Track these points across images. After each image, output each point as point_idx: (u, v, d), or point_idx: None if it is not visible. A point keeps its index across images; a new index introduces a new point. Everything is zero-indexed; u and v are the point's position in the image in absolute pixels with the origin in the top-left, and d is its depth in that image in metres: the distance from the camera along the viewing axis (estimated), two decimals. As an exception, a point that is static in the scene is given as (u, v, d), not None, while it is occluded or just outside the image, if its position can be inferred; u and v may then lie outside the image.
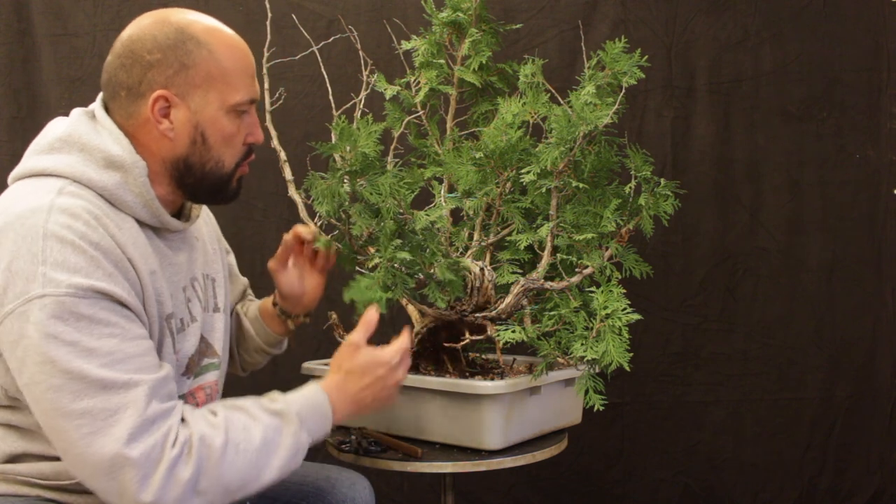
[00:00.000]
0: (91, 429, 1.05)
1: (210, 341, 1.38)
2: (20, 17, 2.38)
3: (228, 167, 1.27)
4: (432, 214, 1.57)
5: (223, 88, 1.22)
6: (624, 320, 1.47)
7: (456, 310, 1.63)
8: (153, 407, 1.08)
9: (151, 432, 1.07)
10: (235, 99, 1.23)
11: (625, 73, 1.61)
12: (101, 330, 1.07)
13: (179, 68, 1.19)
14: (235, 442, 1.14)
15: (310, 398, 1.25)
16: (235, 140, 1.26)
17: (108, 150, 1.18)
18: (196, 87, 1.21)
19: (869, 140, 2.27)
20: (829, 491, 2.30)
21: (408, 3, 2.28)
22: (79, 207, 1.12)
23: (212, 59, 1.21)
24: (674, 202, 1.63)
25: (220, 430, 1.14)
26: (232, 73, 1.23)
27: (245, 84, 1.25)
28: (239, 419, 1.17)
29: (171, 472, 1.07)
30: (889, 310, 2.28)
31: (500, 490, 2.37)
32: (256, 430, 1.16)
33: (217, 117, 1.23)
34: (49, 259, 1.07)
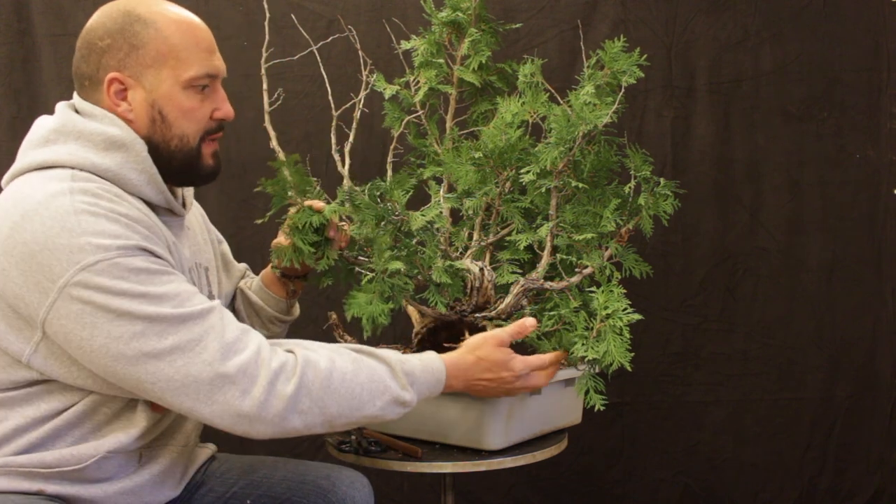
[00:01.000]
0: (184, 360, 1.09)
1: None
2: (20, 17, 2.38)
3: (193, 142, 1.28)
4: (428, 214, 1.57)
5: (175, 64, 1.24)
6: (625, 320, 1.47)
7: (455, 310, 1.63)
8: (231, 328, 1.15)
9: (240, 350, 1.13)
10: (189, 74, 1.25)
11: (624, 73, 1.61)
12: (160, 278, 1.12)
13: (129, 50, 1.22)
14: (342, 370, 1.18)
15: (428, 362, 1.30)
16: (196, 114, 1.27)
17: (106, 132, 1.20)
18: (147, 66, 1.23)
19: (869, 140, 2.27)
20: (829, 491, 2.30)
21: (407, 3, 2.28)
22: (96, 188, 1.15)
23: (159, 36, 1.23)
24: (674, 202, 1.63)
25: (326, 357, 1.18)
26: (182, 48, 1.24)
27: (199, 58, 1.26)
28: (349, 354, 1.22)
29: (272, 386, 1.12)
30: (889, 310, 2.28)
31: (500, 490, 2.37)
32: (364, 366, 1.21)
33: (172, 93, 1.24)
34: (88, 230, 1.09)
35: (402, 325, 2.32)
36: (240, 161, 2.35)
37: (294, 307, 1.67)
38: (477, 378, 1.36)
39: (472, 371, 1.36)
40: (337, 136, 1.74)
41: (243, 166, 2.35)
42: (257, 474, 1.45)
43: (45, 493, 1.18)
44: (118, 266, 1.09)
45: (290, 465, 1.50)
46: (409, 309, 1.75)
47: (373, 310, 1.47)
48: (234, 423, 1.14)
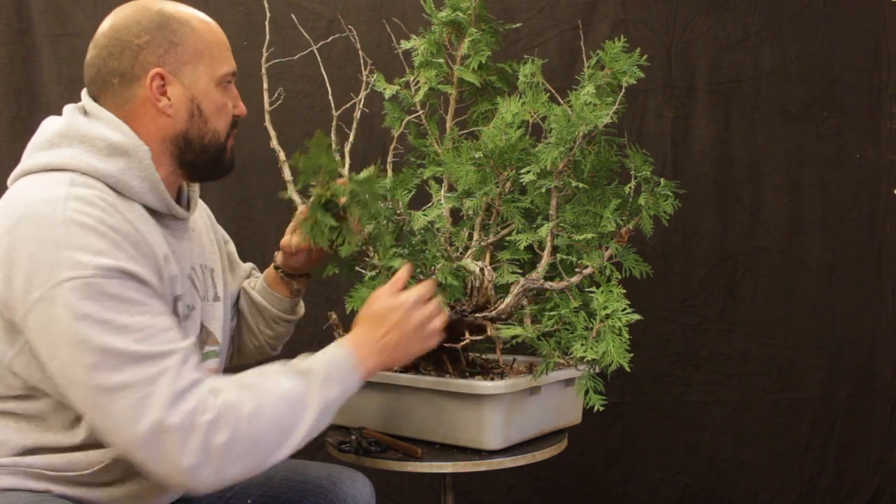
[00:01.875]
0: (131, 400, 1.06)
1: (210, 329, 1.41)
2: (20, 17, 2.38)
3: (223, 137, 1.33)
4: (430, 214, 1.57)
5: (210, 62, 1.29)
6: (624, 320, 1.47)
7: (456, 310, 1.63)
8: (186, 374, 1.10)
9: (187, 399, 1.09)
10: (222, 71, 1.30)
11: (624, 73, 1.61)
12: (130, 308, 1.10)
13: (169, 47, 1.25)
14: (263, 405, 1.15)
15: (333, 355, 1.27)
16: (226, 110, 1.32)
17: (110, 138, 1.21)
18: (186, 62, 1.26)
19: (869, 140, 2.27)
20: (829, 491, 2.30)
21: (407, 3, 2.28)
22: (93, 196, 1.14)
23: (196, 35, 1.28)
24: (674, 202, 1.63)
25: (249, 394, 1.15)
26: (215, 47, 1.30)
27: (226, 57, 1.33)
28: (266, 384, 1.18)
29: (207, 438, 1.09)
30: (889, 310, 2.28)
31: (500, 490, 2.37)
32: (283, 392, 1.18)
33: (209, 90, 1.29)
34: (73, 244, 1.09)
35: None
36: (240, 161, 2.33)
37: (298, 306, 1.67)
38: (379, 336, 1.31)
39: (370, 333, 1.31)
40: (337, 136, 1.74)
41: (243, 166, 2.35)
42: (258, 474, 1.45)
43: (52, 492, 1.18)
44: (91, 286, 1.07)
45: (290, 465, 1.49)
46: (409, 309, 1.75)
47: None
48: (170, 474, 1.09)
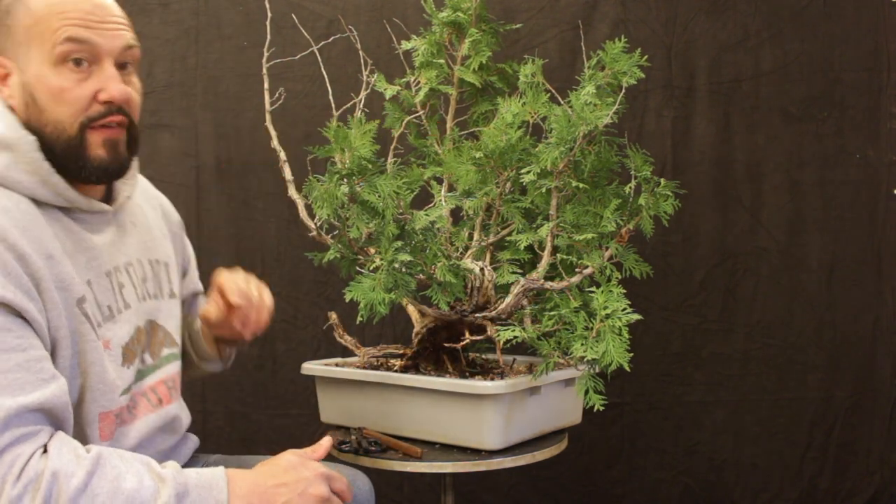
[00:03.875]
0: None
1: (168, 329, 1.33)
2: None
3: (71, 129, 1.13)
4: (432, 214, 1.57)
5: (42, 39, 1.11)
6: (624, 320, 1.47)
7: (456, 310, 1.63)
8: (5, 436, 0.96)
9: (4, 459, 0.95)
10: (57, 49, 1.10)
11: (625, 73, 1.61)
12: None
13: (5, 32, 1.12)
14: (95, 490, 0.98)
15: (205, 476, 1.08)
16: (70, 96, 1.12)
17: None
18: (19, 44, 1.12)
19: (869, 140, 2.27)
20: (829, 491, 2.30)
21: (408, 3, 2.28)
22: None
23: (27, 12, 1.11)
24: (674, 202, 1.63)
25: (83, 470, 0.99)
26: (49, 20, 1.11)
27: (67, 32, 1.11)
28: (113, 468, 1.01)
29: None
30: (889, 310, 2.28)
31: (500, 490, 2.37)
32: (126, 486, 1.00)
33: (41, 73, 1.11)
34: None
35: (403, 325, 2.32)
36: (240, 161, 2.36)
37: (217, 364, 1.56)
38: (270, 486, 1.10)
39: (261, 478, 1.11)
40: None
41: (243, 166, 2.36)
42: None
43: None
44: None
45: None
46: (409, 308, 1.75)
47: (374, 297, 1.46)
48: None
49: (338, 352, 2.25)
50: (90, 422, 1.14)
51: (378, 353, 1.79)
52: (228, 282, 1.35)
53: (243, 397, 2.39)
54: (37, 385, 1.01)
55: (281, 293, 2.37)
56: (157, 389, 1.29)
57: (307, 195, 1.54)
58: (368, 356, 1.78)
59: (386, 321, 2.32)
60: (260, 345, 2.40)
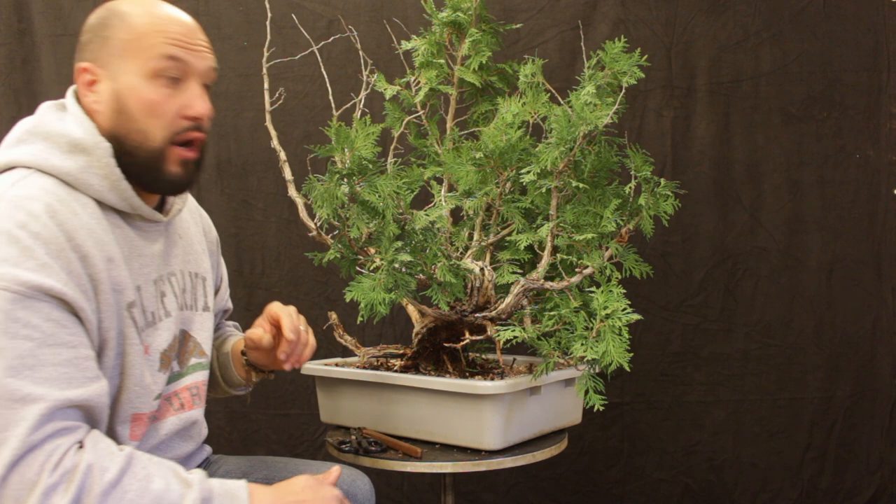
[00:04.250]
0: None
1: (199, 341, 1.36)
2: (20, 17, 2.38)
3: (156, 141, 1.19)
4: (432, 214, 1.57)
5: (139, 53, 1.18)
6: (624, 320, 1.47)
7: (456, 310, 1.63)
8: (46, 427, 1.01)
9: (35, 455, 1.00)
10: (152, 63, 1.18)
11: (625, 73, 1.61)
12: (16, 330, 1.02)
13: (101, 42, 1.19)
14: (126, 487, 1.03)
15: (229, 485, 1.13)
16: (160, 109, 1.19)
17: (71, 134, 1.17)
18: (114, 55, 1.19)
19: (869, 140, 2.27)
20: (829, 491, 2.30)
21: (408, 3, 2.28)
22: (26, 197, 1.09)
23: (126, 27, 1.19)
24: (674, 202, 1.63)
25: (116, 466, 1.04)
26: (147, 37, 1.18)
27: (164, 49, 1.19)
28: (143, 469, 1.07)
29: (45, 499, 0.99)
30: (889, 310, 2.28)
31: (500, 490, 2.37)
32: (155, 486, 1.05)
33: (136, 84, 1.18)
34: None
35: (402, 324, 2.32)
36: (240, 161, 2.36)
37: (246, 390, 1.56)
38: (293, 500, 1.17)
39: (279, 495, 1.17)
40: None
41: (243, 166, 2.36)
42: (259, 474, 1.45)
43: None
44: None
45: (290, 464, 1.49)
46: (409, 308, 1.75)
47: (374, 296, 1.46)
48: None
49: (338, 352, 2.25)
50: (122, 422, 1.18)
51: (378, 353, 1.79)
52: (285, 316, 1.38)
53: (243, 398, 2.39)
54: (82, 382, 1.06)
55: (281, 293, 2.37)
56: (180, 395, 1.33)
57: (307, 195, 1.54)
58: (368, 356, 1.78)
59: (386, 321, 2.32)
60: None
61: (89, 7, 2.36)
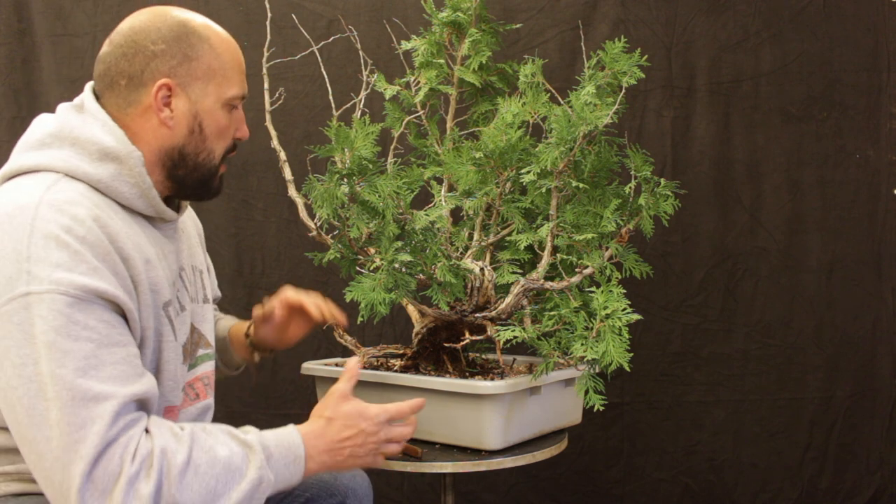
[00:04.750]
0: (59, 442, 1.03)
1: (203, 332, 1.39)
2: (20, 17, 2.38)
3: (217, 159, 1.30)
4: (432, 214, 1.57)
5: (221, 82, 1.27)
6: (624, 320, 1.47)
7: (456, 310, 1.63)
8: (120, 422, 1.06)
9: (116, 445, 1.05)
10: (231, 93, 1.28)
11: (625, 73, 1.61)
12: (78, 332, 1.05)
13: (183, 59, 1.24)
14: (197, 461, 1.10)
15: (283, 437, 1.20)
16: (227, 132, 1.30)
17: (102, 142, 1.19)
18: (197, 78, 1.25)
19: (869, 140, 2.27)
20: (829, 491, 2.30)
21: (408, 3, 2.28)
22: (67, 202, 1.11)
23: (213, 53, 1.26)
24: (674, 202, 1.63)
25: (185, 445, 1.10)
26: (229, 68, 1.28)
27: (239, 80, 1.30)
28: (206, 440, 1.13)
29: (131, 488, 1.04)
30: (889, 310, 2.28)
31: (500, 490, 2.37)
32: (220, 454, 1.12)
33: (214, 109, 1.27)
34: (32, 256, 1.06)
35: (402, 324, 2.32)
36: (240, 161, 2.36)
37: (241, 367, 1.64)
38: (338, 439, 1.25)
39: (329, 433, 1.25)
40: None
41: (243, 166, 2.36)
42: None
43: None
44: (43, 302, 1.04)
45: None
46: (409, 308, 1.75)
47: (374, 296, 1.47)
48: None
49: (338, 352, 2.25)
50: (157, 414, 1.22)
51: (378, 353, 1.79)
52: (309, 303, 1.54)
53: (243, 397, 2.39)
54: (138, 378, 1.11)
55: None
56: (194, 385, 1.36)
57: (307, 195, 1.54)
58: (368, 356, 1.78)
59: (386, 321, 2.32)
60: (260, 345, 2.40)
61: (89, 7, 2.36)
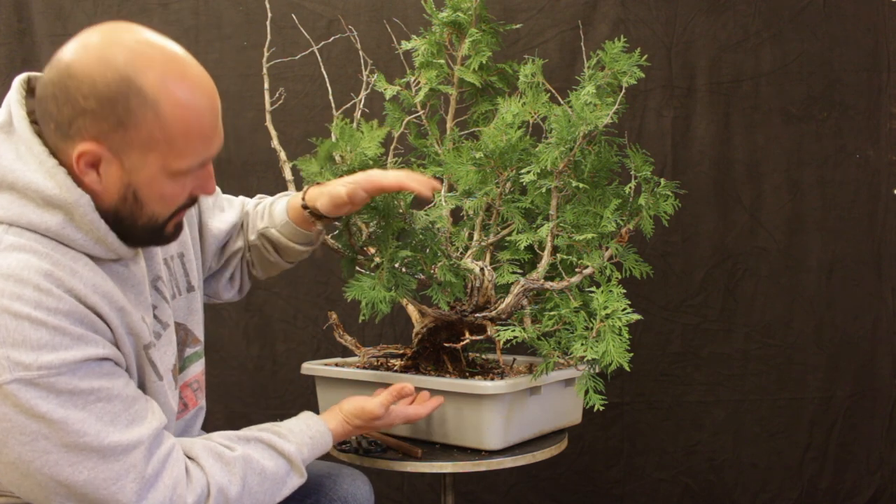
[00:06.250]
0: (96, 496, 1.02)
1: (189, 327, 1.34)
2: (20, 17, 2.38)
3: (163, 219, 1.13)
4: (432, 214, 1.57)
5: (167, 152, 1.06)
6: (624, 320, 1.47)
7: (456, 310, 1.63)
8: (154, 462, 1.07)
9: (157, 487, 1.06)
10: (181, 165, 1.08)
11: (625, 73, 1.61)
12: (84, 399, 1.02)
13: (116, 125, 1.03)
14: (250, 488, 1.16)
15: (318, 444, 1.31)
16: (176, 199, 1.12)
17: (42, 190, 1.04)
18: (133, 147, 1.05)
19: (869, 140, 2.27)
20: (829, 491, 2.30)
21: (408, 3, 2.28)
22: (25, 268, 1.01)
23: (157, 122, 1.04)
24: (674, 202, 1.63)
25: (238, 476, 1.15)
26: (180, 138, 1.06)
27: (195, 149, 1.09)
28: (257, 463, 1.19)
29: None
30: (889, 310, 2.28)
31: (500, 490, 2.37)
32: (269, 470, 1.20)
33: (155, 179, 1.08)
34: (7, 340, 0.98)
35: (402, 324, 2.32)
36: (240, 161, 2.36)
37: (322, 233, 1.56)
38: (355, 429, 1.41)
39: (351, 433, 1.41)
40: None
41: (243, 166, 2.36)
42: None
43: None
44: (38, 386, 0.98)
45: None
46: (409, 308, 1.75)
47: (374, 295, 1.46)
48: None
49: (338, 352, 2.25)
50: None
51: (378, 353, 1.79)
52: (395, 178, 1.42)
53: (243, 397, 2.39)
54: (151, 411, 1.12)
55: (281, 293, 2.37)
56: (183, 394, 1.32)
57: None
58: (368, 356, 1.78)
59: (386, 321, 2.32)
60: (260, 345, 2.40)
61: (89, 7, 2.36)
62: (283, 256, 1.53)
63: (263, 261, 1.55)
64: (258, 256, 1.55)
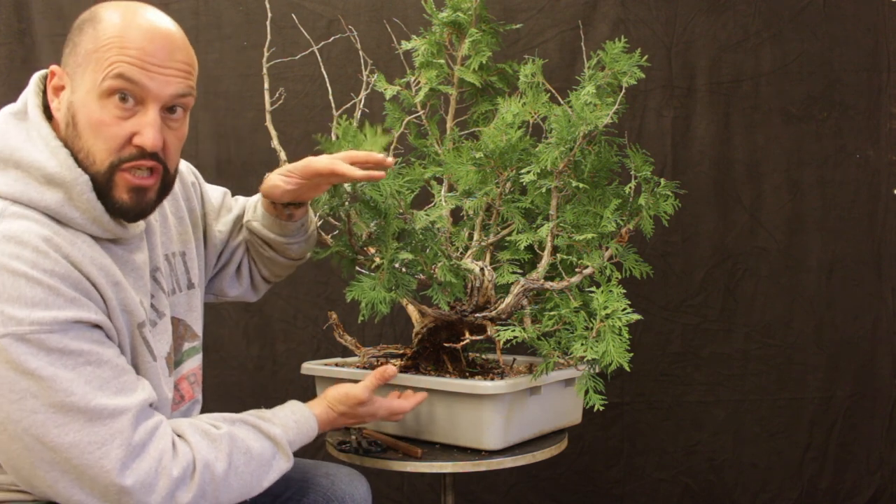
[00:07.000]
0: (80, 461, 1.03)
1: (188, 322, 1.35)
2: (20, 17, 2.38)
3: (100, 164, 1.10)
4: (432, 214, 1.57)
5: (96, 67, 1.09)
6: (624, 320, 1.47)
7: (456, 310, 1.63)
8: (140, 431, 1.08)
9: (143, 457, 1.07)
10: (102, 82, 1.09)
11: (625, 73, 1.61)
12: (74, 360, 1.04)
13: (72, 48, 1.12)
14: (236, 467, 1.17)
15: (304, 429, 1.32)
16: (107, 132, 1.10)
17: (44, 167, 1.09)
18: (78, 65, 1.11)
19: (869, 140, 2.27)
20: (829, 491, 2.30)
21: (408, 3, 2.28)
22: (25, 232, 1.04)
23: (93, 34, 1.10)
24: (674, 202, 1.63)
25: (223, 453, 1.16)
26: (107, 51, 1.09)
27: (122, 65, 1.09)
28: (242, 442, 1.20)
29: (171, 497, 1.09)
30: (889, 310, 2.28)
31: (500, 490, 2.37)
32: (255, 450, 1.21)
33: (87, 100, 1.09)
34: (3, 295, 1.01)
35: (402, 324, 2.32)
36: (240, 161, 2.36)
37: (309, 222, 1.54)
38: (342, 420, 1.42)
39: (338, 422, 1.42)
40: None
41: (243, 166, 2.36)
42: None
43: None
44: (29, 342, 1.00)
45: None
46: (409, 308, 1.75)
47: (374, 296, 1.47)
48: None
49: (338, 352, 2.25)
50: None
51: (378, 353, 1.79)
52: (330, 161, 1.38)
53: (243, 397, 2.39)
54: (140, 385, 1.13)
55: (281, 293, 2.37)
56: (180, 386, 1.33)
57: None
58: (368, 356, 1.78)
59: (386, 321, 2.32)
60: (260, 345, 2.40)
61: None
62: (278, 251, 1.53)
63: (261, 256, 1.55)
64: (255, 252, 1.56)
